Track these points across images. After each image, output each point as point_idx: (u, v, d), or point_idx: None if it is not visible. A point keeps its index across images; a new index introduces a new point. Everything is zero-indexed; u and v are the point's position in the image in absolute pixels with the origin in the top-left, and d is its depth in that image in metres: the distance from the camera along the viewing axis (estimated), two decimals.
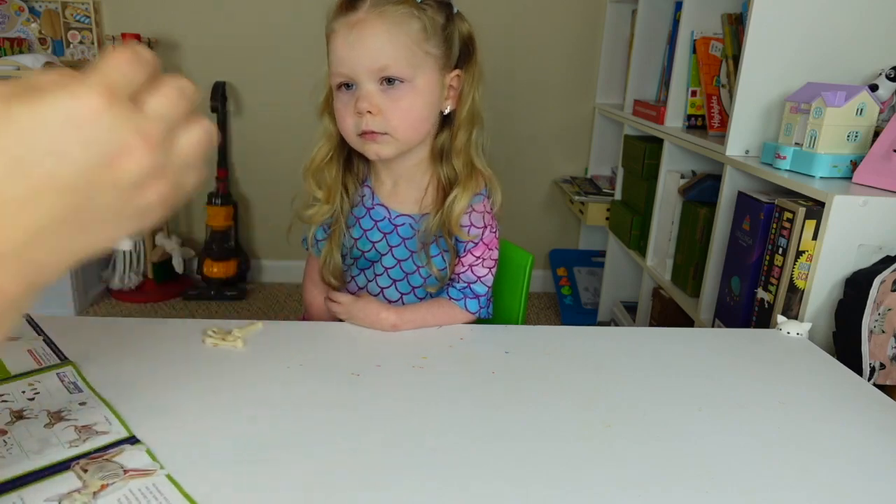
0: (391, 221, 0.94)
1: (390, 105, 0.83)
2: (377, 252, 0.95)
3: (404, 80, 0.83)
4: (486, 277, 0.94)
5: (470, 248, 0.92)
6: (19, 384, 0.68)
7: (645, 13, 2.12)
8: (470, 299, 0.92)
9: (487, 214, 0.93)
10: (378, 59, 0.81)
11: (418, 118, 0.86)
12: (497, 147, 2.61)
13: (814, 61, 1.30)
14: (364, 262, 0.97)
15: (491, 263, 0.95)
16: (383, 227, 0.94)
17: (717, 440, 0.65)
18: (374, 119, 0.83)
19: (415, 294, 0.96)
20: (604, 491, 0.56)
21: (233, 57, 2.45)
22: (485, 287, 0.94)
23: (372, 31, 0.80)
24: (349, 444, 0.61)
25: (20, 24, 2.36)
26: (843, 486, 0.59)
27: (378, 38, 0.81)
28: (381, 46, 0.81)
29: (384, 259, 0.95)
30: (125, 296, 2.47)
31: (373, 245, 0.95)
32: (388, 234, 0.94)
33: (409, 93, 0.83)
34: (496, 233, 0.96)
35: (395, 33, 0.81)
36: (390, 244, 0.94)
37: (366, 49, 0.81)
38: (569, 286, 2.59)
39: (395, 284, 0.96)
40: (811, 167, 1.15)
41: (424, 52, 0.83)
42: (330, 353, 0.80)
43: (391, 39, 0.81)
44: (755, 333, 0.97)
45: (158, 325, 0.85)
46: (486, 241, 0.93)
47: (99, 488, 0.53)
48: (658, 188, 1.79)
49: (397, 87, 0.83)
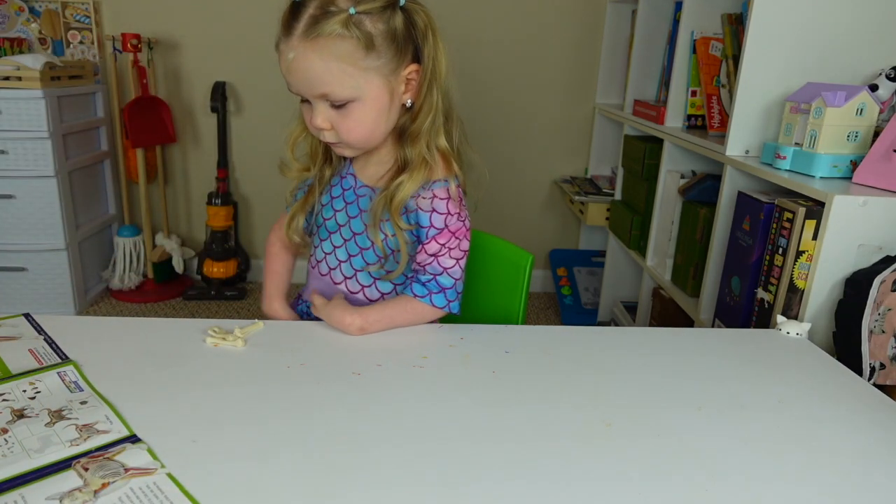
0: (355, 191, 0.95)
1: (341, 121, 0.85)
2: (336, 222, 0.96)
3: (348, 101, 0.83)
4: (453, 269, 0.90)
5: (433, 234, 0.89)
6: (20, 383, 0.68)
7: (645, 13, 2.12)
8: (436, 294, 0.89)
9: (453, 202, 0.90)
10: (314, 87, 0.82)
11: (370, 129, 0.87)
12: (497, 147, 2.63)
13: (814, 61, 1.30)
14: (324, 232, 0.98)
15: (459, 254, 0.91)
16: (348, 197, 0.95)
17: (717, 440, 0.65)
18: (329, 133, 0.87)
19: (369, 273, 0.94)
20: (604, 490, 0.57)
21: (233, 57, 2.45)
22: (451, 279, 0.90)
23: (305, 61, 0.80)
24: (350, 443, 0.61)
25: (20, 24, 2.37)
26: (843, 486, 0.59)
27: (312, 69, 0.80)
28: (315, 77, 0.81)
29: (342, 230, 0.95)
30: (125, 296, 2.47)
31: (334, 213, 0.96)
32: (350, 203, 0.95)
33: (357, 109, 0.84)
34: (465, 222, 0.91)
35: (328, 60, 0.79)
36: (349, 215, 0.95)
37: (302, 78, 0.82)
38: (569, 286, 2.59)
39: (351, 259, 0.95)
40: (811, 167, 1.15)
41: (363, 69, 0.81)
42: (330, 352, 0.80)
43: (325, 67, 0.80)
44: (755, 333, 0.97)
45: (158, 325, 0.85)
46: (451, 228, 0.89)
47: (100, 487, 0.53)
48: (658, 188, 1.79)
49: (344, 107, 0.84)
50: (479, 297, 1.13)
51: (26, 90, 2.04)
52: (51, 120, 2.09)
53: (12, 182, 2.11)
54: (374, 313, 0.87)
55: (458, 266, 0.91)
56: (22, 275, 2.21)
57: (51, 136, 2.09)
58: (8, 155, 2.08)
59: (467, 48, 2.48)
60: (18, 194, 2.13)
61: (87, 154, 2.35)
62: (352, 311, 0.86)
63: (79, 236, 2.29)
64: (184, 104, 2.52)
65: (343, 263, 0.96)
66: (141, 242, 2.51)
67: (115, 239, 2.49)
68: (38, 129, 2.08)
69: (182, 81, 2.50)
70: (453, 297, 0.90)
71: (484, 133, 2.58)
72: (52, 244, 2.20)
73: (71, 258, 2.24)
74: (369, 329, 0.85)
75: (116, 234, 2.50)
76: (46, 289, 2.24)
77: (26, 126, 2.07)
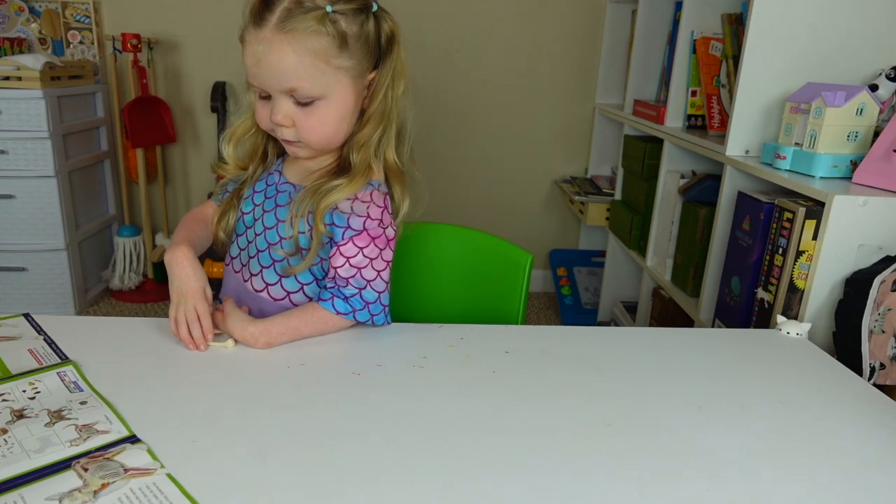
0: (277, 187, 0.93)
1: (303, 119, 0.83)
2: (252, 217, 0.94)
3: (315, 99, 0.82)
4: (375, 282, 0.85)
5: (350, 235, 0.84)
6: (20, 383, 0.68)
7: (645, 13, 2.12)
8: (359, 311, 0.84)
9: (376, 207, 0.86)
10: (285, 81, 0.80)
11: (332, 130, 0.85)
12: (497, 147, 2.63)
13: (814, 61, 1.30)
14: (240, 227, 0.96)
15: (382, 265, 0.86)
16: (268, 193, 0.93)
17: (717, 439, 0.65)
18: (289, 130, 0.84)
19: (274, 269, 0.91)
20: (604, 489, 0.57)
21: (233, 57, 2.42)
22: (374, 293, 0.85)
23: (278, 54, 0.79)
24: (350, 443, 0.61)
25: (20, 24, 2.36)
26: (843, 486, 0.59)
27: (284, 62, 0.79)
28: (287, 70, 0.79)
29: (256, 225, 0.93)
30: (125, 296, 2.47)
31: (253, 208, 0.94)
32: (269, 198, 0.92)
33: (322, 108, 0.83)
34: (387, 230, 0.87)
35: (302, 54, 0.78)
36: (265, 209, 0.92)
37: (272, 71, 0.80)
38: (569, 286, 2.59)
39: (259, 255, 0.92)
40: (811, 167, 1.15)
41: (335, 68, 0.81)
42: (331, 352, 0.80)
43: (298, 61, 0.79)
44: (755, 333, 0.97)
45: (158, 325, 0.85)
46: (371, 233, 0.85)
47: (99, 487, 0.53)
48: (658, 188, 1.79)
49: (310, 104, 0.82)
50: (479, 297, 1.13)
51: (26, 90, 2.04)
52: (51, 120, 2.09)
53: (12, 182, 2.11)
54: (277, 325, 0.81)
55: (381, 278, 0.86)
56: (22, 275, 2.21)
57: (51, 136, 2.09)
58: (8, 155, 2.08)
59: (467, 48, 2.48)
60: (18, 194, 2.13)
61: (87, 154, 2.35)
62: (253, 321, 0.81)
63: (79, 236, 2.29)
64: (184, 104, 2.52)
65: (252, 259, 0.93)
66: (141, 242, 2.51)
67: (115, 239, 2.49)
68: (38, 129, 2.08)
69: (182, 81, 2.49)
70: (378, 310, 0.85)
71: (484, 133, 2.58)
72: (52, 244, 2.20)
73: (71, 258, 2.24)
74: (274, 343, 0.80)
75: (116, 234, 2.50)
76: (46, 289, 2.24)
77: (26, 126, 2.07)
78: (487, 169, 2.62)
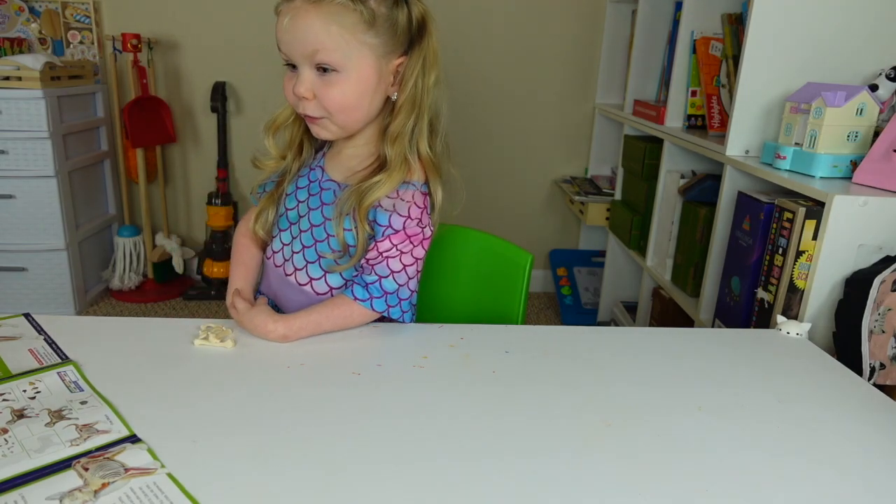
0: (320, 184, 0.94)
1: (324, 91, 0.84)
2: (297, 213, 0.95)
3: (337, 69, 0.83)
4: (399, 273, 0.86)
5: (389, 233, 0.86)
6: (20, 383, 0.68)
7: (645, 13, 2.12)
8: (377, 299, 0.86)
9: (416, 207, 0.88)
10: (308, 44, 0.82)
11: (351, 106, 0.86)
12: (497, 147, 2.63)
13: (814, 61, 1.30)
14: (283, 222, 0.97)
15: (410, 260, 0.87)
16: (312, 189, 0.95)
17: (717, 440, 0.65)
18: (310, 104, 0.86)
19: (319, 265, 0.92)
20: (604, 489, 0.57)
21: (233, 57, 2.45)
22: (395, 284, 0.86)
23: (305, 20, 0.81)
24: (350, 443, 0.61)
25: (20, 24, 2.37)
26: (843, 486, 0.59)
27: (310, 27, 0.81)
28: (312, 34, 0.81)
29: (301, 222, 0.94)
30: (125, 296, 2.47)
31: (297, 204, 0.95)
32: (313, 195, 0.94)
33: (343, 81, 0.84)
34: (424, 230, 0.89)
35: (328, 23, 0.81)
36: (310, 206, 0.94)
37: (298, 34, 0.82)
38: (569, 286, 2.59)
39: (304, 251, 0.93)
40: (811, 167, 1.15)
41: (360, 42, 0.82)
42: (331, 352, 0.80)
43: (323, 28, 0.81)
44: (755, 333, 0.97)
45: (158, 325, 0.85)
46: (409, 232, 0.87)
47: (100, 487, 0.53)
48: (658, 188, 1.79)
49: (331, 75, 0.84)
50: (479, 297, 1.13)
51: (26, 90, 2.04)
52: (51, 120, 2.09)
53: (12, 182, 2.11)
54: (299, 320, 0.83)
55: (405, 272, 0.87)
56: (22, 275, 2.21)
57: (51, 136, 2.09)
58: (8, 155, 2.08)
59: (468, 48, 2.48)
60: (18, 194, 2.13)
61: (87, 154, 2.35)
62: (276, 317, 0.83)
63: (79, 236, 2.29)
64: (184, 104, 2.52)
65: (296, 255, 0.94)
66: (141, 242, 2.51)
67: (115, 239, 2.49)
68: (38, 129, 2.08)
69: (182, 81, 2.50)
70: (394, 302, 0.86)
71: (484, 133, 2.58)
72: (52, 244, 2.20)
73: (71, 258, 2.24)
74: (293, 337, 0.82)
75: (116, 234, 2.50)
76: (46, 289, 2.24)
77: (26, 126, 2.07)
78: (487, 169, 2.62)
